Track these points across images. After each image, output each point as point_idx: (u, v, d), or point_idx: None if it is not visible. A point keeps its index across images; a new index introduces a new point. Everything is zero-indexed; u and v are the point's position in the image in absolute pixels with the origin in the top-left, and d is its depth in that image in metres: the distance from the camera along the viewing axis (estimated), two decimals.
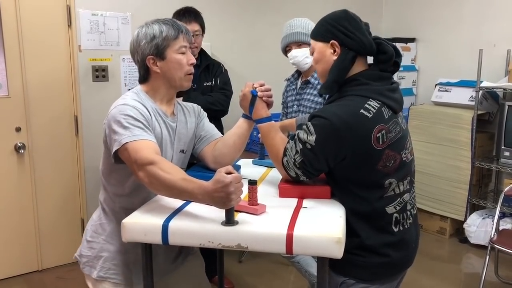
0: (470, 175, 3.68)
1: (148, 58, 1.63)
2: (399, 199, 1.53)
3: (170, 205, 1.53)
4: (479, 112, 3.66)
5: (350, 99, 1.48)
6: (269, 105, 1.71)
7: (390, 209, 1.51)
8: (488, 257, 2.89)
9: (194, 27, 2.79)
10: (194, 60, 1.69)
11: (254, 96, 1.69)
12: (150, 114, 1.63)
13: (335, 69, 1.52)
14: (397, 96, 1.56)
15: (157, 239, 1.39)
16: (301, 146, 1.49)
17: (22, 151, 3.06)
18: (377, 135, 1.44)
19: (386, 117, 1.47)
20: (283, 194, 1.61)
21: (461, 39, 4.12)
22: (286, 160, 1.54)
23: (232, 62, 3.52)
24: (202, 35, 2.87)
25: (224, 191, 1.30)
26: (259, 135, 2.16)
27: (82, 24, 3.14)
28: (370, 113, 1.44)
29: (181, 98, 2.80)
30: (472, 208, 3.80)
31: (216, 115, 2.89)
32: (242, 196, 1.39)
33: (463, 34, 4.10)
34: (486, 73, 3.68)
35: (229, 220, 1.37)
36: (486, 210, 3.76)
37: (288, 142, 1.56)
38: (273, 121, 1.68)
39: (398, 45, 4.33)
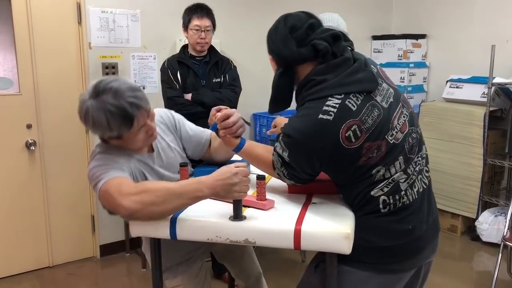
0: (482, 172, 3.63)
1: (102, 137, 1.56)
2: (387, 181, 1.39)
3: None
4: (491, 109, 3.61)
5: (307, 106, 1.39)
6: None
7: (375, 192, 1.39)
8: (500, 255, 2.86)
9: (205, 22, 2.81)
10: (155, 135, 1.58)
11: (215, 131, 1.61)
12: (125, 159, 1.54)
13: (273, 86, 1.47)
14: (362, 75, 1.39)
15: (165, 233, 1.39)
16: (281, 160, 1.46)
17: (33, 148, 3.09)
18: (346, 134, 1.33)
19: (355, 108, 1.34)
20: (291, 189, 1.60)
21: (472, 35, 4.06)
22: (277, 173, 1.51)
23: (241, 59, 3.51)
24: (213, 32, 2.88)
25: (223, 178, 1.32)
26: (268, 131, 2.17)
27: (92, 21, 3.16)
28: (331, 115, 1.33)
29: (190, 95, 2.82)
30: (484, 205, 3.75)
31: None
32: (251, 192, 1.39)
33: (474, 30, 4.05)
34: (499, 69, 3.63)
35: (237, 215, 1.37)
36: (499, 207, 3.71)
37: (273, 154, 1.50)
38: (247, 142, 1.60)
39: (409, 42, 4.30)
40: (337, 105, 1.34)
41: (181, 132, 1.80)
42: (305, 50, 1.41)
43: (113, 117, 1.42)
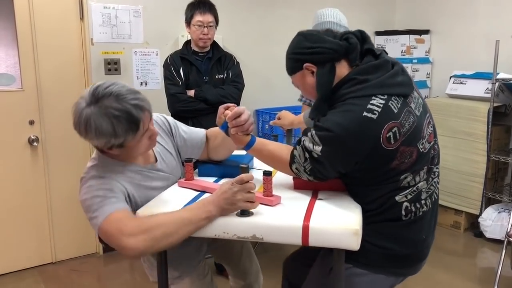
0: (485, 168, 3.62)
1: (102, 148, 1.46)
2: (412, 189, 1.44)
3: (184, 196, 1.53)
4: (495, 105, 3.59)
5: (351, 102, 1.37)
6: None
7: (399, 198, 1.43)
8: (504, 251, 2.86)
9: (208, 18, 2.79)
10: (155, 140, 1.52)
11: (225, 130, 1.58)
12: (122, 183, 1.47)
13: (319, 87, 1.46)
14: (402, 79, 1.43)
15: None
16: (308, 155, 1.43)
17: (36, 144, 3.08)
18: (387, 135, 1.34)
19: (396, 111, 1.36)
20: (298, 186, 1.59)
21: (476, 31, 4.04)
22: (296, 168, 1.49)
23: (243, 55, 3.50)
24: (216, 27, 2.86)
25: (222, 191, 1.34)
26: (271, 122, 2.15)
27: (94, 17, 3.14)
28: (375, 114, 1.33)
29: (193, 91, 2.80)
30: (488, 202, 3.74)
31: None
32: (257, 188, 1.38)
33: (478, 25, 4.03)
34: (503, 65, 3.61)
35: (244, 211, 1.36)
36: (502, 204, 3.70)
37: (295, 148, 1.49)
38: (257, 139, 1.59)
39: (412, 37, 4.28)
40: (381, 105, 1.35)
41: (177, 138, 1.72)
42: (342, 43, 1.45)
43: (119, 122, 1.34)
